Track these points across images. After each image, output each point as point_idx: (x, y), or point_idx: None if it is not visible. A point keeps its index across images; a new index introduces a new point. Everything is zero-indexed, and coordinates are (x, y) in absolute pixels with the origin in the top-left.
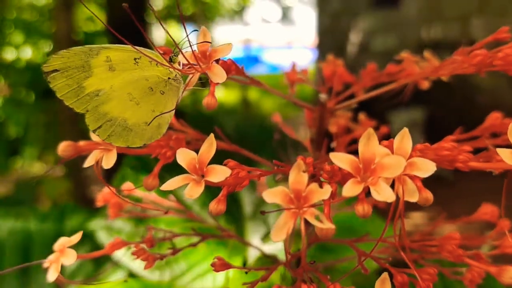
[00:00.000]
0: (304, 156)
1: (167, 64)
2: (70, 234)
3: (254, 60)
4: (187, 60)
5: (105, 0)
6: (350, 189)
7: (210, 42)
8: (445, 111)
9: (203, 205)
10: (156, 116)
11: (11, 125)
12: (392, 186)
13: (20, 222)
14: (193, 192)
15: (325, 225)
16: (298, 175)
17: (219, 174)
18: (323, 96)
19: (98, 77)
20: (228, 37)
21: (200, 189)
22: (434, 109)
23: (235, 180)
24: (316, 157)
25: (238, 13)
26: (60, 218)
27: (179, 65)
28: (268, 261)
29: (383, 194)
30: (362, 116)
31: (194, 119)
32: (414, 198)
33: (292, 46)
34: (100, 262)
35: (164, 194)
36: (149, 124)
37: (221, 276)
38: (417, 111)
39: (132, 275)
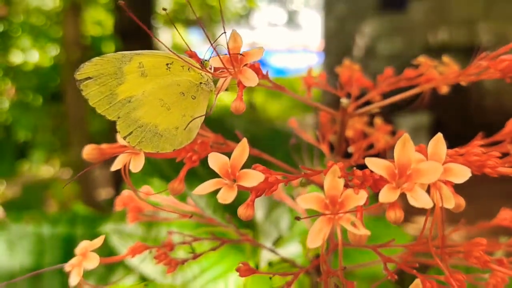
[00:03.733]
0: (318, 161)
1: (200, 68)
2: (81, 238)
3: (260, 63)
4: (223, 63)
5: (112, 4)
6: (387, 195)
7: (241, 46)
8: (451, 114)
9: (216, 209)
10: (190, 122)
11: (19, 128)
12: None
13: (32, 226)
14: (226, 196)
15: (361, 231)
16: (333, 181)
17: (252, 179)
18: (344, 101)
19: (131, 83)
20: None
21: (233, 193)
22: (440, 112)
23: (264, 185)
24: (336, 161)
25: (244, 17)
26: (72, 222)
27: (211, 69)
28: (285, 266)
29: (420, 200)
30: (377, 121)
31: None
32: (450, 205)
33: (298, 50)
34: (111, 265)
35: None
36: (185, 129)
37: (233, 280)
38: (423, 114)
39: (143, 278)
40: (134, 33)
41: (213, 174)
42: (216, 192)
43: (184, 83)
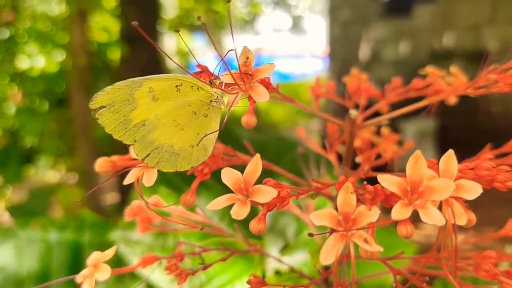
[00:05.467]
0: (325, 169)
1: (210, 86)
2: (89, 245)
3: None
4: (234, 80)
5: (119, 10)
6: (399, 212)
7: (252, 61)
8: (456, 120)
9: (223, 217)
10: (202, 138)
11: (25, 134)
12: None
13: (39, 232)
14: (239, 212)
15: (374, 248)
16: (346, 197)
17: (266, 194)
18: (353, 113)
19: (143, 108)
20: (240, 46)
21: (247, 209)
22: (446, 118)
23: (276, 200)
24: (345, 173)
25: (249, 22)
26: (79, 228)
27: (221, 85)
28: (294, 276)
29: (432, 217)
30: (385, 130)
31: None
32: (462, 221)
33: (303, 55)
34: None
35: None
36: (197, 145)
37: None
38: (428, 120)
39: (150, 286)
40: (140, 39)
41: (222, 184)
42: None
43: (194, 102)
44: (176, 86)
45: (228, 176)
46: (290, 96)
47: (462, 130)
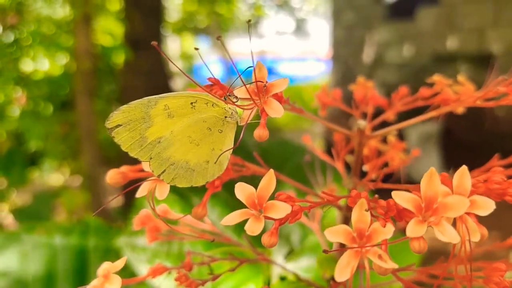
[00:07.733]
0: (331, 175)
1: (224, 105)
2: (94, 249)
3: (268, 71)
4: (250, 95)
5: (123, 13)
6: (414, 230)
7: (266, 76)
8: (460, 123)
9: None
10: (220, 155)
11: (30, 137)
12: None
13: (45, 237)
14: (254, 228)
15: (389, 265)
16: (361, 214)
17: (280, 210)
18: (362, 123)
19: (159, 125)
20: (243, 48)
21: (261, 225)
22: (449, 121)
23: (289, 215)
24: (354, 183)
25: (252, 25)
26: (84, 233)
27: (236, 101)
28: (301, 285)
29: (448, 234)
30: (391, 138)
31: None
32: (476, 238)
33: (306, 58)
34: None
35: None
36: (215, 163)
37: None
38: (433, 123)
39: None
40: (145, 42)
41: (226, 189)
42: (227, 205)
43: (209, 119)
44: (191, 103)
45: (242, 191)
46: (294, 98)
47: (466, 133)
